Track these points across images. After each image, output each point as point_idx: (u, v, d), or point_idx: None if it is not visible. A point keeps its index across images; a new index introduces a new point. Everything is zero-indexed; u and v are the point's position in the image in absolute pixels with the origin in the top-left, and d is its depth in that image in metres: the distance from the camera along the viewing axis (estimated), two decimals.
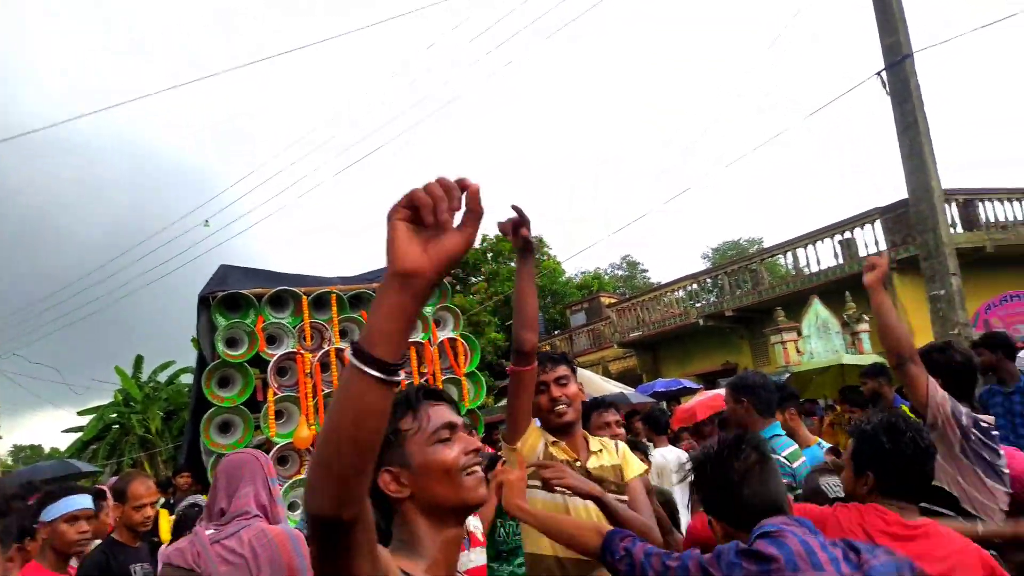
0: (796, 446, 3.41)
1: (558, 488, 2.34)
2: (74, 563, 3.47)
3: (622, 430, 3.90)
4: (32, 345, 34.57)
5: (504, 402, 10.17)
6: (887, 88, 8.61)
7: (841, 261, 16.30)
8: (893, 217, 15.09)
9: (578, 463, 2.63)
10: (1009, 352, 5.04)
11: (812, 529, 1.73)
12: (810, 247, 16.94)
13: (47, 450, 50.97)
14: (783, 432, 3.42)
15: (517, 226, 2.46)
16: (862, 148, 74.52)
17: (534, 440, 2.68)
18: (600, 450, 2.72)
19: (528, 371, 2.58)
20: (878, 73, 8.67)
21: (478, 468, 1.35)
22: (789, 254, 17.74)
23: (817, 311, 14.33)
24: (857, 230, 16.08)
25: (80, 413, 25.82)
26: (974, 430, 2.79)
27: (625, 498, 2.58)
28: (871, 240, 15.69)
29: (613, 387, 11.81)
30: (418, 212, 0.96)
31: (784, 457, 3.13)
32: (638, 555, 1.83)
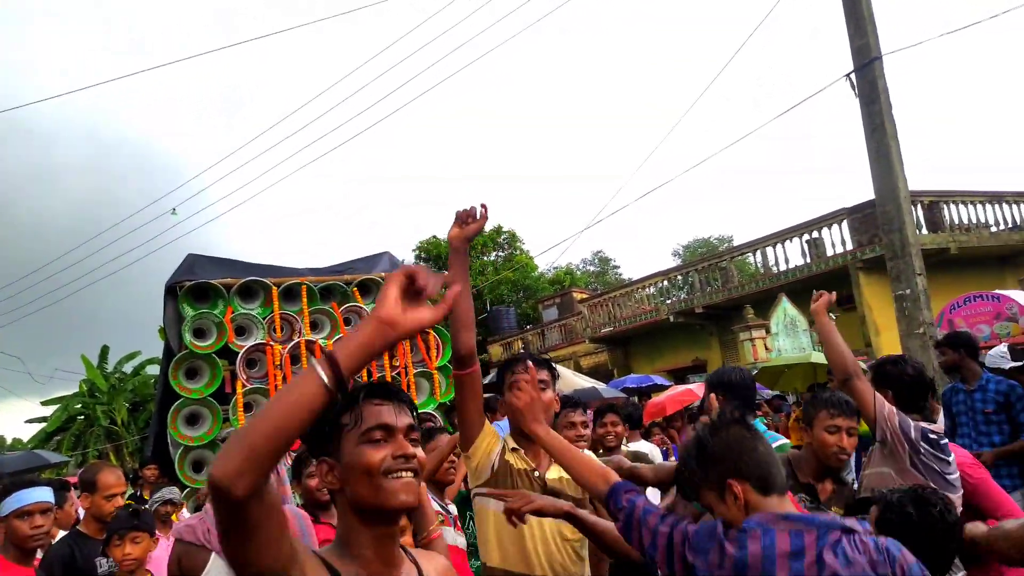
0: (784, 441, 3.43)
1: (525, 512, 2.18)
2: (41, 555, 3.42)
3: (588, 431, 3.77)
4: None
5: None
6: (856, 90, 8.74)
7: (809, 260, 16.53)
8: (860, 217, 15.32)
9: (536, 473, 2.52)
10: (971, 351, 5.18)
11: (812, 523, 1.69)
12: (779, 246, 17.16)
13: (9, 440, 49.89)
14: (765, 429, 3.43)
15: (470, 221, 2.45)
16: (831, 149, 75.63)
17: (489, 444, 2.55)
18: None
19: (470, 374, 2.49)
20: (847, 75, 8.80)
21: (405, 473, 1.34)
22: (758, 252, 17.95)
23: (785, 309, 14.54)
24: (824, 230, 16.31)
25: (44, 403, 25.35)
26: (923, 443, 2.84)
27: (585, 512, 2.36)
28: (838, 240, 15.94)
29: (584, 382, 11.88)
30: (412, 282, 1.18)
31: None
32: (638, 509, 1.92)
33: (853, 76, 8.76)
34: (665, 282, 20.46)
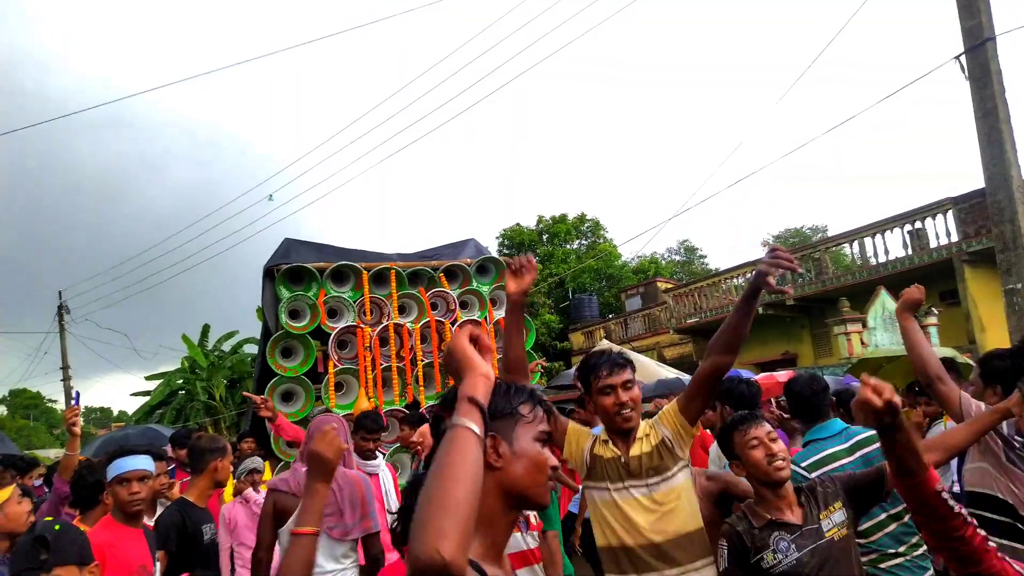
0: (871, 432, 3.22)
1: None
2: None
3: None
4: (103, 312, 36.10)
5: (555, 381, 10.20)
6: (966, 73, 8.26)
7: (911, 252, 15.78)
8: (967, 207, 14.52)
9: (622, 459, 2.68)
10: None
11: None
12: (878, 236, 16.44)
13: (116, 413, 53.22)
14: (823, 436, 3.27)
15: (523, 273, 2.66)
16: (935, 136, 71.61)
17: (580, 441, 2.78)
18: (646, 435, 2.71)
19: None
20: (957, 57, 8.32)
21: (551, 482, 1.47)
22: (855, 243, 17.24)
23: (884, 302, 13.92)
24: (928, 220, 15.53)
25: (148, 378, 26.84)
26: (1017, 437, 2.79)
27: (663, 480, 2.61)
28: (943, 230, 15.16)
29: (669, 373, 11.72)
30: (476, 341, 1.34)
31: (802, 467, 3.04)
32: None
33: (963, 58, 8.28)
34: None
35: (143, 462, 3.31)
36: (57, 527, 2.47)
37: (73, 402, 4.63)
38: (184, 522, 3.70)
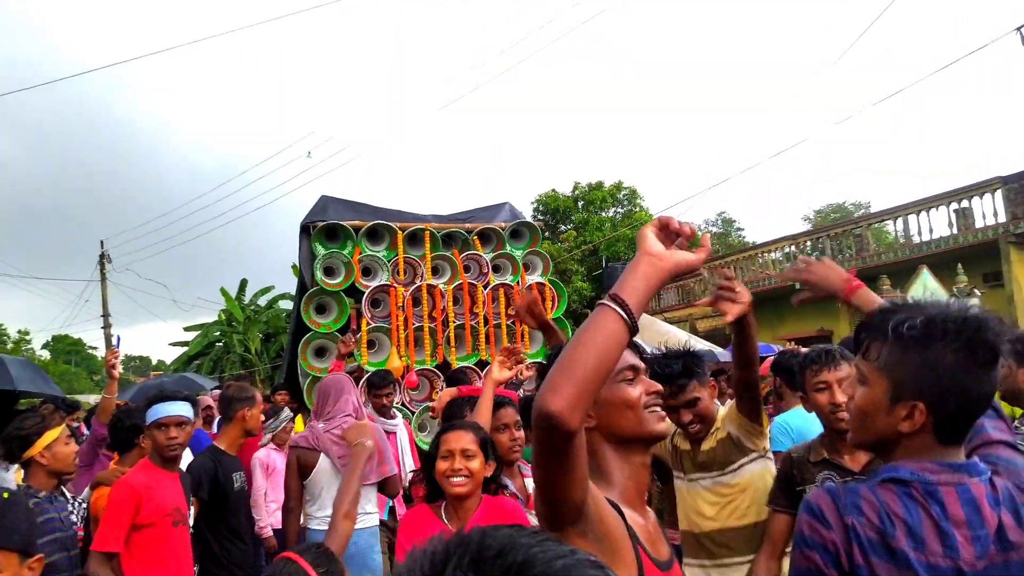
0: None
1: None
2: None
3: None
4: (144, 262, 36.82)
5: None
6: None
7: (955, 231, 15.39)
8: (1016, 187, 14.08)
9: (692, 453, 2.81)
10: None
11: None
12: (922, 214, 16.04)
13: (154, 362, 54.57)
14: None
15: (530, 307, 2.81)
16: (985, 113, 69.23)
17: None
18: (717, 428, 2.78)
19: None
20: (1019, 28, 8.00)
21: (658, 408, 1.48)
22: (899, 220, 16.85)
23: (926, 282, 13.61)
24: (975, 199, 15.09)
25: (186, 329, 27.47)
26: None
27: (726, 473, 2.69)
28: (990, 210, 14.73)
29: (701, 344, 11.64)
30: (665, 228, 1.27)
31: None
32: None
33: None
34: (793, 247, 19.59)
35: (182, 408, 3.37)
36: (5, 495, 2.37)
37: (115, 345, 4.73)
38: (216, 470, 3.78)
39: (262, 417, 4.31)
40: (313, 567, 1.75)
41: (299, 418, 6.41)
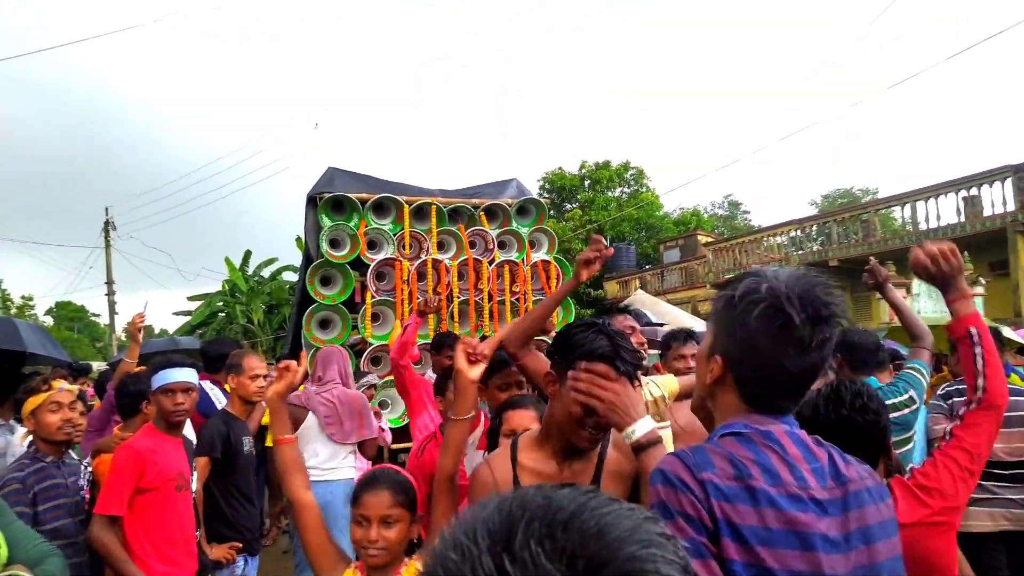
0: (910, 394, 3.24)
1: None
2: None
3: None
4: (149, 230, 36.86)
5: None
6: None
7: (963, 218, 15.32)
8: None
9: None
10: None
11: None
12: (931, 201, 15.96)
13: (157, 331, 54.73)
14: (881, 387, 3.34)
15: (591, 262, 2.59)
16: (998, 102, 68.57)
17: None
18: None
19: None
20: None
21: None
22: (907, 206, 16.77)
23: None
24: (984, 187, 15.00)
25: (190, 299, 27.53)
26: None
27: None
28: (999, 199, 14.66)
29: (703, 326, 11.66)
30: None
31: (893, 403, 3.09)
32: None
33: None
34: (798, 231, 19.54)
35: (187, 374, 3.39)
36: None
37: (143, 309, 4.76)
38: (228, 432, 3.90)
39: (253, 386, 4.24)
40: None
41: (301, 388, 6.43)
